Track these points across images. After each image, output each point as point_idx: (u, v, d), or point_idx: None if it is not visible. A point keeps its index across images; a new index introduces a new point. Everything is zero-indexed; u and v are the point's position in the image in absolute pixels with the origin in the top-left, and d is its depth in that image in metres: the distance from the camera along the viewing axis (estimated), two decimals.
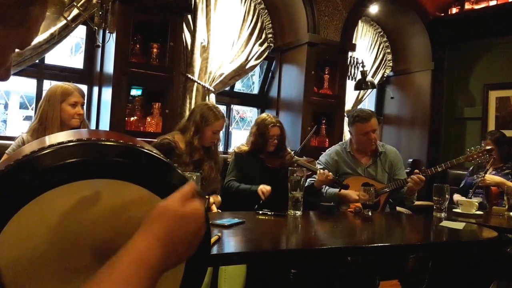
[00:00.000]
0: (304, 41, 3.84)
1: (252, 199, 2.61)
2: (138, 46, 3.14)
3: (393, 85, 5.01)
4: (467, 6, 4.48)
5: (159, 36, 3.19)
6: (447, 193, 2.28)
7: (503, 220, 2.48)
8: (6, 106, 5.12)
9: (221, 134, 2.81)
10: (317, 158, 2.97)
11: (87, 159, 0.64)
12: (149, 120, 3.14)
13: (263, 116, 2.95)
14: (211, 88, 3.57)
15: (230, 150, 3.69)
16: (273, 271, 2.41)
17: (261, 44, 3.91)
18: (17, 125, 5.70)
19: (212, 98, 3.58)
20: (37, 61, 3.08)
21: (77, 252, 0.65)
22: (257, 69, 4.28)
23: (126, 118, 3.05)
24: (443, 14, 4.63)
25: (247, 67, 3.81)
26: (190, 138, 2.45)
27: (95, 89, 3.25)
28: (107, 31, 2.74)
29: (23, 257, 0.61)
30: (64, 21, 2.87)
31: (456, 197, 3.17)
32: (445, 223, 2.07)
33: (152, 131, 3.09)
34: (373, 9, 4.35)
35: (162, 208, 0.60)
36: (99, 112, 3.16)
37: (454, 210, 2.53)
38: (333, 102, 4.05)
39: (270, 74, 4.29)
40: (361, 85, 4.23)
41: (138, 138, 0.83)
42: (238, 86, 4.48)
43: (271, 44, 3.98)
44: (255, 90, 4.44)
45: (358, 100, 4.56)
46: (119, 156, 0.66)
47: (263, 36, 3.94)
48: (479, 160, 2.79)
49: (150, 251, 0.57)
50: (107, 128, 2.94)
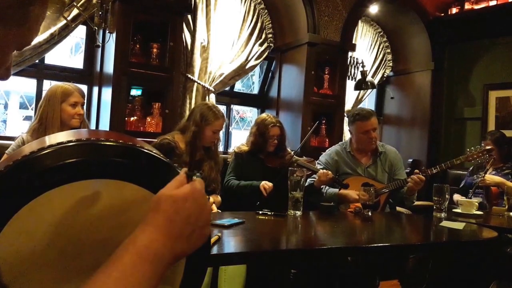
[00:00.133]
0: (304, 41, 3.84)
1: (253, 197, 2.62)
2: (138, 46, 3.14)
3: (393, 85, 5.01)
4: (467, 6, 4.48)
5: (159, 36, 3.19)
6: (447, 193, 2.28)
7: (503, 220, 2.48)
8: (6, 106, 5.12)
9: (221, 134, 2.81)
10: (317, 158, 2.97)
11: (87, 159, 0.64)
12: (149, 120, 3.13)
13: (263, 116, 2.95)
14: (211, 88, 3.57)
15: (230, 150, 3.69)
16: (273, 271, 2.41)
17: (261, 44, 3.91)
18: (17, 125, 5.70)
19: (212, 98, 3.58)
20: (37, 61, 3.07)
21: (77, 252, 0.65)
22: (257, 69, 4.28)
23: (126, 118, 3.05)
24: (443, 14, 4.63)
25: (247, 67, 3.81)
26: (190, 138, 2.45)
27: (95, 89, 3.25)
28: (107, 31, 2.74)
29: (23, 257, 0.61)
30: (64, 21, 2.87)
31: (456, 197, 3.17)
32: (445, 223, 2.07)
33: (152, 131, 3.09)
34: (373, 9, 4.35)
35: (156, 198, 0.60)
36: (99, 112, 3.16)
37: (454, 210, 2.53)
38: (333, 102, 4.05)
39: (270, 74, 4.29)
40: (361, 85, 4.23)
41: (138, 138, 0.83)
42: (238, 86, 4.47)
43: (271, 44, 3.98)
44: (255, 90, 4.43)
45: (358, 100, 4.55)
46: (119, 156, 0.66)
47: (263, 36, 3.94)
48: (479, 160, 2.80)
49: (153, 242, 0.56)
50: (107, 128, 2.94)
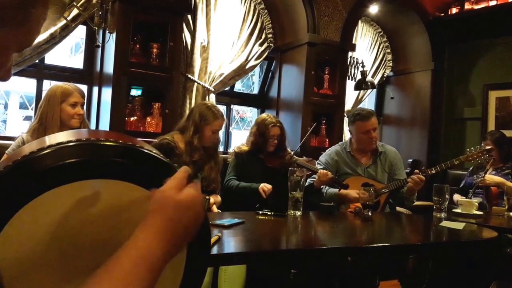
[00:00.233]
0: (304, 41, 3.84)
1: (253, 198, 2.62)
2: (138, 46, 3.14)
3: (393, 85, 5.01)
4: (467, 6, 4.48)
5: (159, 36, 3.19)
6: (447, 193, 2.28)
7: (503, 220, 2.48)
8: (6, 106, 5.13)
9: (221, 134, 2.81)
10: (317, 158, 2.97)
11: (87, 159, 0.64)
12: (149, 120, 3.13)
13: (263, 116, 2.95)
14: (211, 88, 3.57)
15: (230, 150, 3.69)
16: (273, 271, 2.41)
17: (261, 44, 3.91)
18: (17, 125, 5.70)
19: (212, 98, 3.58)
20: (37, 61, 3.07)
21: (77, 252, 0.65)
22: (257, 69, 4.28)
23: (126, 118, 3.05)
24: (443, 14, 4.62)
25: (247, 67, 3.81)
26: (190, 138, 2.45)
27: (95, 89, 3.25)
28: (107, 31, 2.74)
29: (23, 258, 0.61)
30: (64, 21, 2.87)
31: (456, 197, 3.17)
32: (445, 223, 2.07)
33: (152, 131, 3.09)
34: (373, 9, 4.34)
35: (159, 199, 0.60)
36: (99, 112, 3.16)
37: (454, 210, 2.53)
38: (333, 102, 4.05)
39: (270, 74, 4.29)
40: (361, 85, 4.23)
41: (138, 138, 0.82)
42: (238, 86, 4.47)
43: (271, 44, 3.97)
44: (255, 90, 4.43)
45: (358, 100, 4.55)
46: (119, 156, 0.66)
47: (263, 36, 3.94)
48: (479, 160, 2.80)
49: (151, 246, 0.56)
50: (107, 128, 2.94)
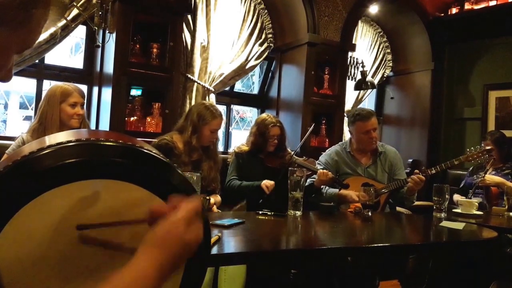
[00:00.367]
0: (304, 41, 3.84)
1: (256, 196, 2.63)
2: (138, 46, 3.14)
3: (393, 85, 5.01)
4: (467, 6, 4.47)
5: (159, 36, 3.19)
6: (447, 193, 2.28)
7: (503, 220, 2.47)
8: (6, 106, 5.13)
9: (221, 134, 2.81)
10: (317, 158, 2.97)
11: (87, 159, 0.64)
12: (149, 120, 3.13)
13: (263, 116, 2.95)
14: (211, 88, 3.57)
15: (230, 150, 3.69)
16: (273, 271, 2.41)
17: (261, 44, 3.91)
18: (17, 125, 5.70)
19: (212, 98, 3.58)
20: (37, 61, 3.07)
21: (77, 253, 0.65)
22: (257, 69, 4.28)
23: (126, 118, 3.05)
24: (443, 14, 4.62)
25: (247, 67, 3.81)
26: (188, 138, 2.45)
27: (95, 89, 3.25)
28: (107, 31, 2.74)
29: (23, 258, 0.61)
30: (64, 21, 2.86)
31: (456, 197, 3.17)
32: (445, 223, 2.07)
33: (152, 131, 3.09)
34: (373, 9, 4.34)
35: (167, 234, 0.61)
36: (99, 112, 3.16)
37: (454, 210, 2.52)
38: (333, 102, 4.04)
39: (270, 74, 4.29)
40: (361, 85, 4.23)
41: (138, 138, 0.82)
42: (238, 86, 4.47)
43: (271, 44, 3.97)
44: (255, 90, 4.43)
45: (358, 100, 4.55)
46: (119, 156, 0.66)
47: (263, 36, 3.93)
48: (479, 160, 2.79)
49: (149, 276, 0.58)
50: (107, 128, 2.94)
